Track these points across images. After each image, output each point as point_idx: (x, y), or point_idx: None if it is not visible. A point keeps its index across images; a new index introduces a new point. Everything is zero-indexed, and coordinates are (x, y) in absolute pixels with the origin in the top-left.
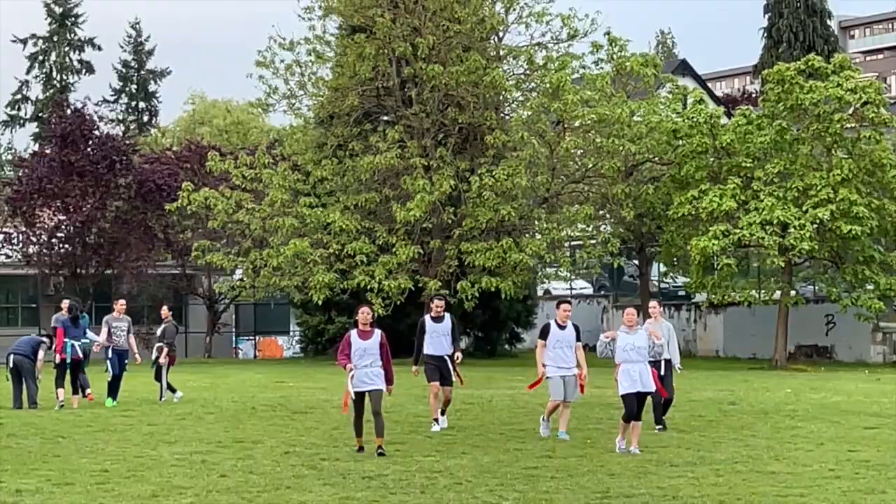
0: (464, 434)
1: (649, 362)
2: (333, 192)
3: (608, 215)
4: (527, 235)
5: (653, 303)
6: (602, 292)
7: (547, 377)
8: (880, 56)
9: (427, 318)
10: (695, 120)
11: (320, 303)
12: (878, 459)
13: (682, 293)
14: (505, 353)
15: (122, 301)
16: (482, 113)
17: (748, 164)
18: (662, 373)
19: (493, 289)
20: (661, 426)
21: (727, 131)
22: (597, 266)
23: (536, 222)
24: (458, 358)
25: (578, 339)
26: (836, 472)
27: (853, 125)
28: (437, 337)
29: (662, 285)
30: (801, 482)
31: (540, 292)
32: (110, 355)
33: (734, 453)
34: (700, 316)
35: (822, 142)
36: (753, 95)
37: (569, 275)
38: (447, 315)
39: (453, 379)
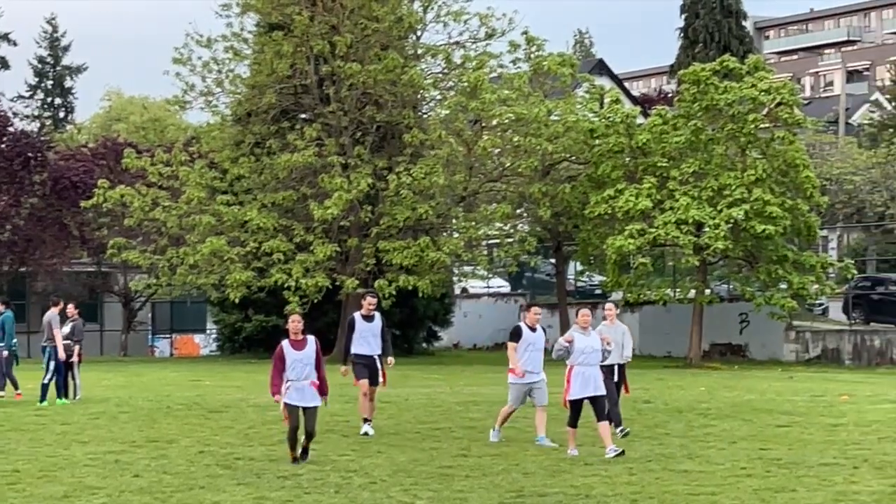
0: (379, 433)
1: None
2: (251, 190)
3: (525, 214)
4: (444, 234)
5: (608, 305)
6: (519, 291)
7: (510, 382)
8: (794, 57)
9: (357, 316)
10: (611, 119)
11: (237, 301)
12: (790, 457)
13: (597, 292)
14: (422, 352)
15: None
16: (400, 111)
17: (664, 164)
18: (616, 378)
19: (410, 287)
20: (623, 429)
21: (643, 131)
22: (513, 264)
23: (454, 221)
24: (390, 363)
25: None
26: (748, 470)
27: (767, 126)
28: (367, 336)
29: (579, 284)
30: (713, 480)
31: (457, 291)
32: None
33: (647, 451)
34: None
35: (737, 142)
36: (669, 95)
37: (486, 273)
38: (377, 314)
39: (380, 380)
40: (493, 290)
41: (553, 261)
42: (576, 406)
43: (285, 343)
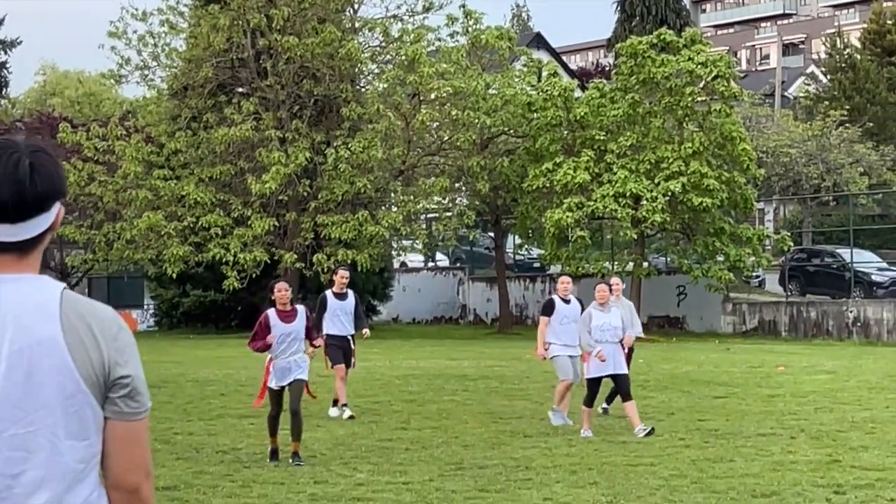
0: (319, 407)
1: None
2: (188, 165)
3: (464, 188)
4: (383, 208)
5: (615, 279)
6: (458, 264)
7: (553, 356)
8: (731, 30)
9: (329, 294)
10: (549, 93)
11: (175, 276)
12: (727, 428)
13: (536, 265)
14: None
15: None
16: (338, 85)
17: (601, 137)
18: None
19: (349, 261)
20: (606, 408)
21: (581, 104)
22: (452, 238)
23: (392, 195)
24: (365, 334)
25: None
26: (686, 441)
27: (704, 99)
28: (340, 315)
29: (517, 257)
30: (651, 451)
31: (396, 265)
32: None
33: None
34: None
35: (674, 115)
36: (607, 69)
37: (424, 247)
38: (350, 291)
39: (352, 360)
40: (431, 265)
41: (492, 234)
42: (594, 384)
43: (271, 312)
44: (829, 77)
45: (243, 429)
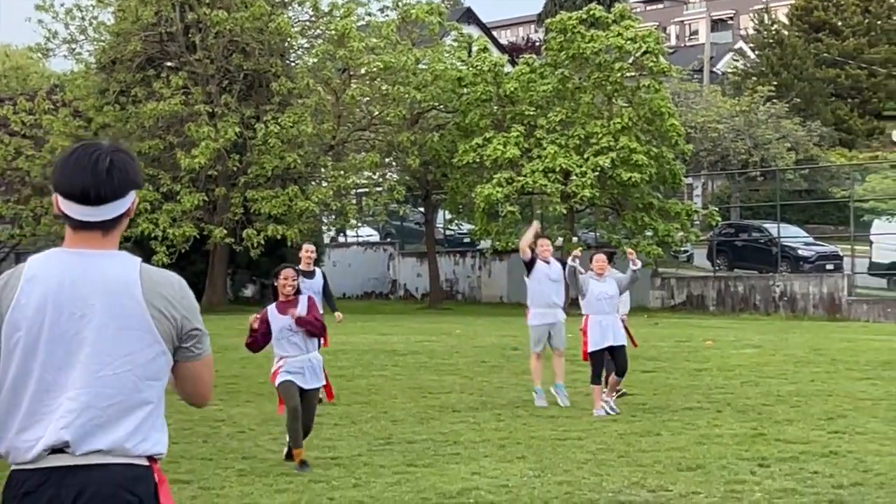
0: (247, 382)
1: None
2: (116, 139)
3: (394, 163)
4: (313, 183)
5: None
6: (388, 239)
7: (530, 325)
8: (660, 6)
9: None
10: (479, 68)
11: None
12: (654, 402)
13: (466, 240)
14: None
15: None
16: (267, 60)
17: (531, 113)
18: None
19: (279, 236)
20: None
21: (511, 80)
22: (382, 213)
23: (322, 170)
24: (338, 318)
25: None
26: (613, 415)
27: (633, 74)
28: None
29: (448, 232)
30: (579, 426)
31: (326, 240)
32: None
33: (515, 398)
34: (484, 263)
35: (603, 90)
36: (537, 44)
37: (355, 222)
38: (318, 269)
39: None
40: (362, 239)
41: (422, 209)
42: (597, 358)
43: (271, 309)
44: (756, 53)
45: (171, 403)
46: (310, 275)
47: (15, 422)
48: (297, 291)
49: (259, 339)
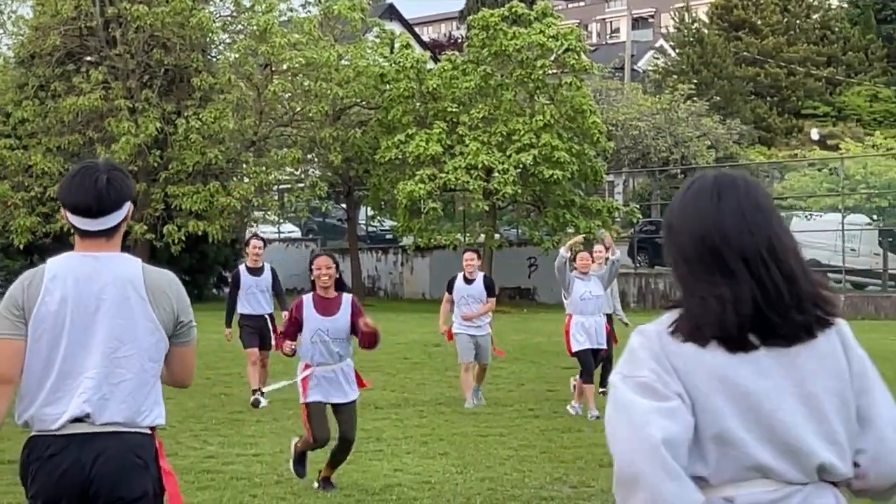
0: None
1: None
2: (35, 134)
3: (316, 159)
4: (234, 179)
5: (598, 248)
6: (310, 236)
7: (455, 333)
8: (581, 3)
9: (242, 268)
10: (402, 65)
11: (22, 247)
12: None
13: (388, 237)
14: (213, 297)
15: None
16: (188, 55)
17: (454, 109)
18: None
19: (200, 233)
20: (604, 391)
21: (433, 76)
22: (304, 209)
23: (244, 166)
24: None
25: (492, 294)
26: (536, 411)
27: (555, 72)
28: (254, 293)
29: (370, 229)
30: (501, 422)
31: (248, 236)
32: None
33: (438, 394)
34: (407, 259)
35: (525, 88)
36: (459, 41)
37: (277, 218)
38: (268, 266)
39: (272, 342)
40: (283, 236)
41: (344, 206)
42: (584, 356)
43: (307, 299)
44: (677, 51)
45: None
46: (258, 272)
47: (40, 398)
48: (340, 286)
49: (285, 342)
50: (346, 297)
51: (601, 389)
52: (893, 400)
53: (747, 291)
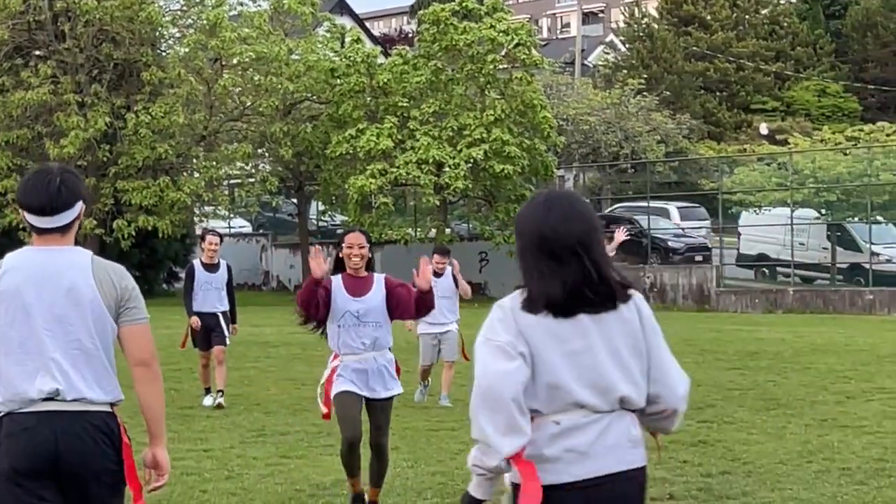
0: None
1: None
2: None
3: (266, 154)
4: (184, 174)
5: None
6: (261, 231)
7: (419, 333)
8: None
9: (197, 263)
10: (352, 59)
11: None
12: None
13: (340, 231)
14: (162, 293)
15: None
16: (138, 49)
17: (405, 104)
18: None
19: (150, 228)
20: None
21: (384, 71)
22: (255, 204)
23: (194, 160)
24: (233, 332)
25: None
26: None
27: (506, 66)
28: (208, 290)
29: (321, 224)
30: (452, 416)
31: (198, 231)
32: None
33: None
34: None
35: (476, 82)
36: (410, 36)
37: (227, 213)
38: (224, 263)
39: (227, 339)
40: (234, 231)
41: (295, 201)
42: None
43: (335, 279)
44: (627, 46)
45: None
46: (214, 268)
47: (2, 380)
48: (370, 266)
49: (318, 306)
50: (378, 276)
51: None
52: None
53: (568, 273)
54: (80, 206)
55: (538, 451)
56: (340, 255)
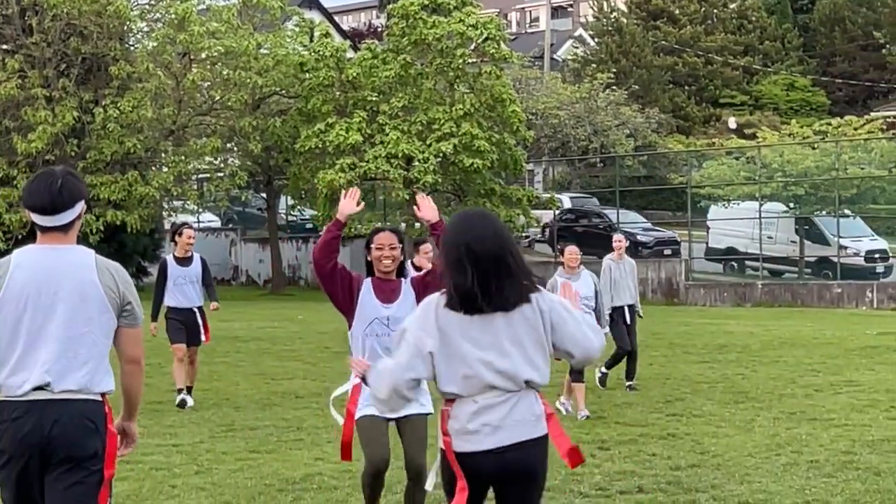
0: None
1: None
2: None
3: (235, 148)
4: (153, 168)
5: (617, 236)
6: (230, 225)
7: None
8: None
9: (170, 258)
10: (321, 53)
11: None
12: None
13: (309, 226)
14: None
15: None
16: (106, 43)
17: (374, 98)
18: (628, 321)
19: (118, 222)
20: (630, 384)
21: (353, 65)
22: (224, 199)
23: (163, 155)
24: (213, 307)
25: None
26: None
27: (475, 61)
28: (183, 284)
29: (290, 218)
30: None
31: (167, 226)
32: None
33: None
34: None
35: (445, 77)
36: (379, 30)
37: (196, 208)
38: (197, 256)
39: (202, 338)
40: (203, 225)
41: (264, 195)
42: None
43: (367, 283)
44: (596, 40)
45: None
46: (187, 262)
47: (7, 368)
48: (401, 273)
49: (336, 255)
50: (405, 281)
51: (628, 383)
52: None
53: (480, 278)
54: (80, 206)
55: (463, 426)
56: (369, 259)
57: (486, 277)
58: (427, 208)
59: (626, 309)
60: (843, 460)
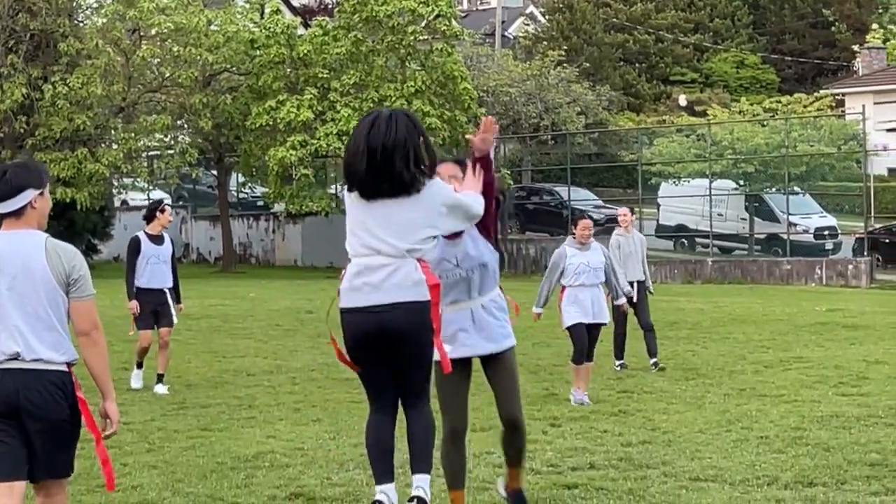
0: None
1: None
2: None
3: (186, 125)
4: (103, 145)
5: (623, 210)
6: (181, 203)
7: None
8: None
9: (142, 235)
10: (272, 30)
11: None
12: None
13: (260, 203)
14: None
15: None
16: (55, 19)
17: (325, 75)
18: (635, 298)
19: (68, 200)
20: (654, 361)
21: (304, 42)
22: (174, 176)
23: (113, 132)
24: (179, 310)
25: None
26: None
27: (426, 38)
28: (157, 263)
29: (241, 195)
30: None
31: (117, 203)
32: None
33: (310, 361)
34: (278, 226)
35: (397, 54)
36: (330, 7)
37: (147, 185)
38: (167, 235)
39: (174, 319)
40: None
41: (215, 172)
42: (575, 333)
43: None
44: (547, 17)
45: None
46: (160, 240)
47: None
48: None
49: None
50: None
51: (653, 360)
52: None
53: (374, 166)
54: (29, 193)
55: (349, 283)
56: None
57: (381, 165)
58: (484, 140)
59: (636, 285)
60: (793, 436)
